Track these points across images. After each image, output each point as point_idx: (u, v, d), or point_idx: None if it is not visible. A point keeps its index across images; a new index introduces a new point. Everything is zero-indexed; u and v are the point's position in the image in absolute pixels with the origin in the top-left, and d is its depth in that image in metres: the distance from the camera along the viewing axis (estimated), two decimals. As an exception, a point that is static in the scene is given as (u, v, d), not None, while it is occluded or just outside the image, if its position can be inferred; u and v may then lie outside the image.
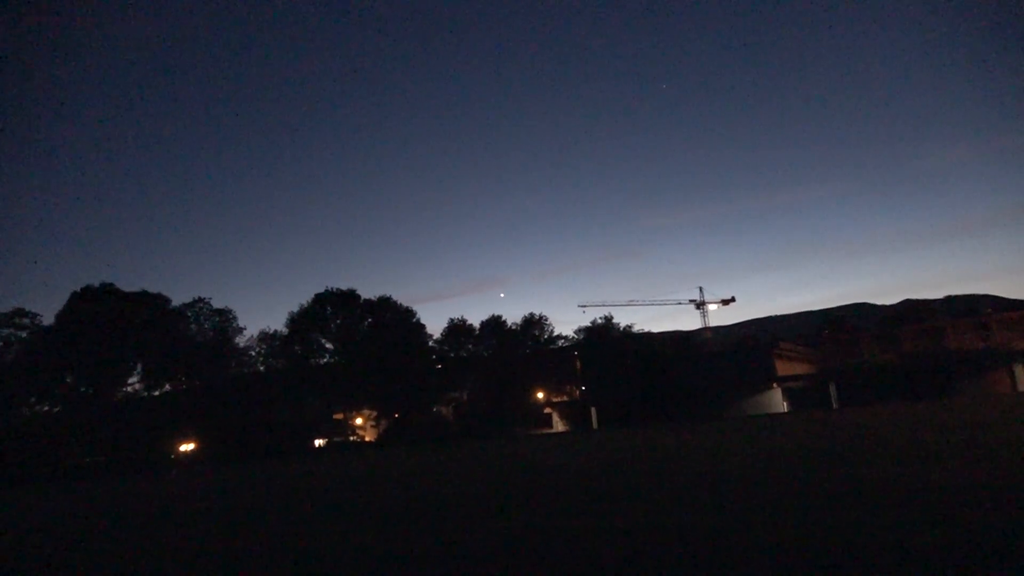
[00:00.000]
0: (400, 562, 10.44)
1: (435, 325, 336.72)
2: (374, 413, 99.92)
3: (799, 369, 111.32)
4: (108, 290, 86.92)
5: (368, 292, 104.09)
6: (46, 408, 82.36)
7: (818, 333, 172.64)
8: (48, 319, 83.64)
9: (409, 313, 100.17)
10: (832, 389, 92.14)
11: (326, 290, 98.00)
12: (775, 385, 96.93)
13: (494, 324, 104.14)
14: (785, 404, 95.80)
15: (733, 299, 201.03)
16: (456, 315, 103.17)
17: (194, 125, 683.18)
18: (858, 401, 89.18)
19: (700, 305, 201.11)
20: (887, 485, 13.97)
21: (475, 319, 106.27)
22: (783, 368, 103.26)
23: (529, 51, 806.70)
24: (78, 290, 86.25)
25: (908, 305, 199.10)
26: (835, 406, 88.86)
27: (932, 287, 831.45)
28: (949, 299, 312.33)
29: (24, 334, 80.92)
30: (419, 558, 10.59)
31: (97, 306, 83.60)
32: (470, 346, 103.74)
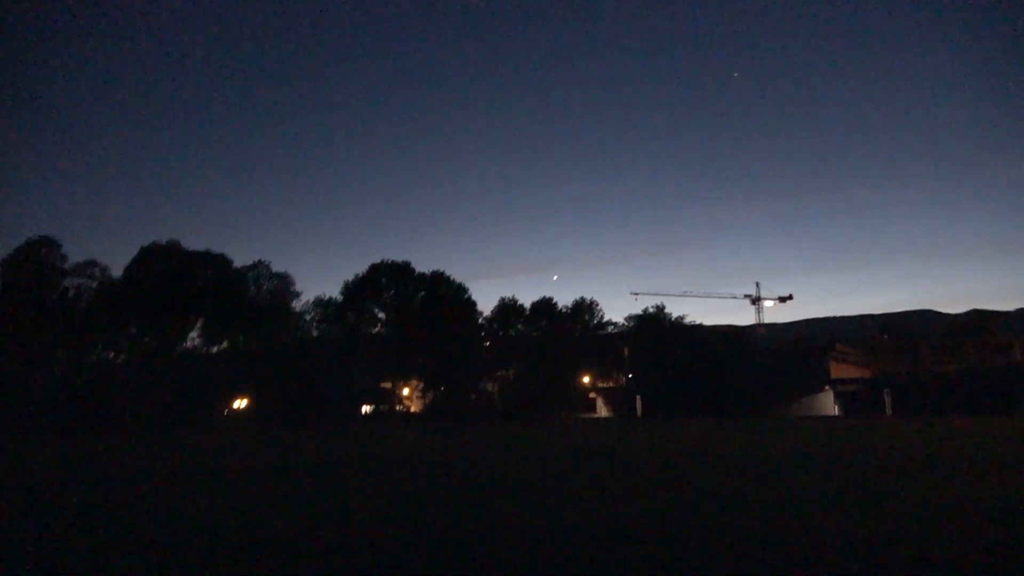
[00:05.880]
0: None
1: (485, 303, 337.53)
2: (420, 384, 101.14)
3: (854, 373, 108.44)
4: (174, 247, 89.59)
5: (422, 264, 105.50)
6: (112, 356, 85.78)
7: (877, 338, 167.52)
8: (117, 272, 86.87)
9: (462, 289, 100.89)
10: (887, 396, 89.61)
11: (382, 261, 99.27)
12: (828, 388, 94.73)
13: (545, 306, 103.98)
14: (837, 408, 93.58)
15: (791, 297, 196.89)
16: (507, 294, 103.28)
17: (262, 96, 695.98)
18: (913, 411, 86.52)
19: (756, 301, 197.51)
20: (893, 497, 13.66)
21: (526, 299, 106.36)
22: (837, 371, 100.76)
23: (597, 35, 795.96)
24: (146, 245, 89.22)
25: (975, 316, 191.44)
26: (889, 414, 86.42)
27: (1003, 298, 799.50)
28: (1022, 312, 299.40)
29: (94, 285, 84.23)
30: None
31: (163, 262, 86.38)
32: (520, 326, 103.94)
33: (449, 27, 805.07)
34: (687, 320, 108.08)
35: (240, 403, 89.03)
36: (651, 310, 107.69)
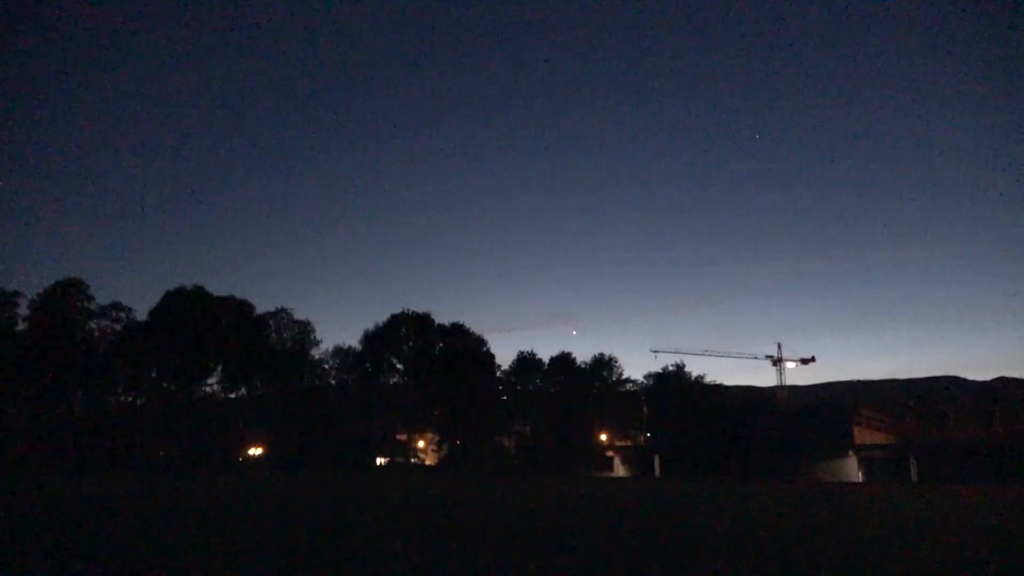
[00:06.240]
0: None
1: (503, 355, 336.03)
2: (436, 437, 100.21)
3: (878, 438, 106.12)
4: (199, 292, 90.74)
5: (441, 314, 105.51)
6: (131, 399, 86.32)
7: (902, 403, 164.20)
8: (142, 315, 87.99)
9: (480, 342, 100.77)
10: (912, 463, 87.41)
11: (403, 311, 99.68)
12: (851, 453, 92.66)
13: (563, 361, 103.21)
14: (860, 474, 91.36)
15: (813, 359, 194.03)
16: (525, 347, 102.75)
17: (288, 145, 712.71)
18: (939, 479, 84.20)
19: (777, 362, 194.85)
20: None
21: (545, 353, 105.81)
22: (861, 435, 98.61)
23: (622, 94, 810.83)
24: (172, 290, 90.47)
25: (1003, 383, 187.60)
26: (914, 480, 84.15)
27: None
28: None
29: (119, 327, 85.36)
30: None
31: (188, 306, 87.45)
32: (538, 380, 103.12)
33: (476, 81, 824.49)
34: (708, 380, 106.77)
35: (256, 450, 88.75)
36: (671, 368, 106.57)
